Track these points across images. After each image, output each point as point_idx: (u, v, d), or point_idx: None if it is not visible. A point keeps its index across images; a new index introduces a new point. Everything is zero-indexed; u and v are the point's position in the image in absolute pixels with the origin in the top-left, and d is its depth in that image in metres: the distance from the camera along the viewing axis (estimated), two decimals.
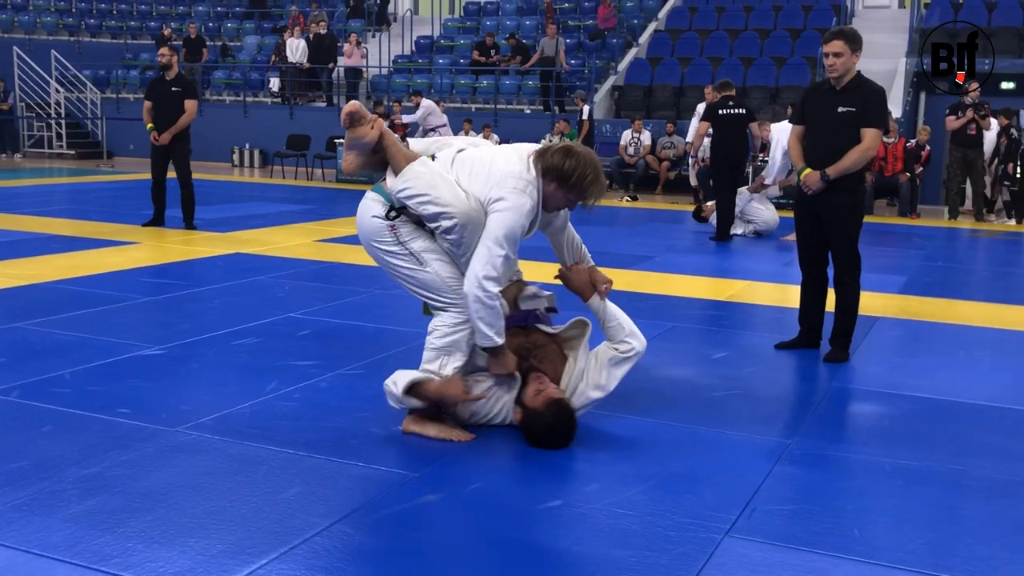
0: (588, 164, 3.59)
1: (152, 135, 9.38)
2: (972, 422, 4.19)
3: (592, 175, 3.59)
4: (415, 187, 3.57)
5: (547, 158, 3.59)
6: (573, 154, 3.60)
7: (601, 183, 3.66)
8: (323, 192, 14.56)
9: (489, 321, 3.52)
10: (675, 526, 3.00)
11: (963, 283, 7.98)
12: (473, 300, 3.49)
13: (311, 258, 8.00)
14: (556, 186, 3.59)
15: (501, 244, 3.48)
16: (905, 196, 12.78)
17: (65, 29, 22.74)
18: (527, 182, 3.57)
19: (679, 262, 8.40)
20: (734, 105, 10.03)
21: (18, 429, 3.73)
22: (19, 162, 18.85)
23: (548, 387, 3.68)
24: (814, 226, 5.15)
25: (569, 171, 3.56)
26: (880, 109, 5.07)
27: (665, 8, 19.59)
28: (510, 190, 3.52)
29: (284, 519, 2.97)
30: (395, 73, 19.51)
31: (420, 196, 3.55)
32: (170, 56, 9.48)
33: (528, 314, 3.85)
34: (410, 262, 3.67)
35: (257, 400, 4.15)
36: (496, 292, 3.51)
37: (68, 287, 6.50)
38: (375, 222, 3.70)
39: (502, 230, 3.49)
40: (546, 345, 3.84)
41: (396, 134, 13.06)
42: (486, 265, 3.47)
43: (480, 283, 3.47)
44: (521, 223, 3.53)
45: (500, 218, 3.50)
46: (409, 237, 3.66)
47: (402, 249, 3.67)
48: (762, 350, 5.34)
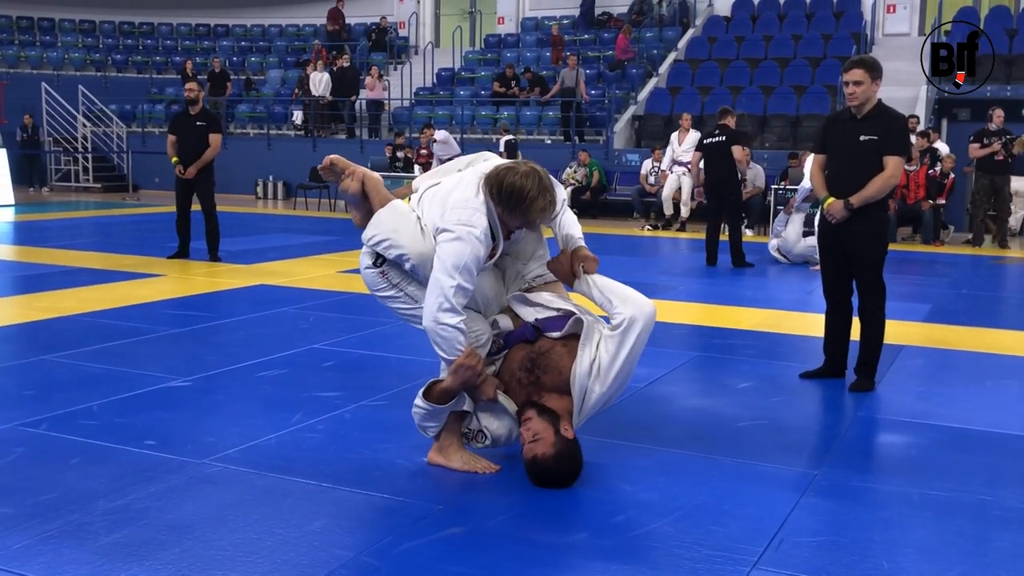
0: (529, 181, 3.47)
1: (177, 169, 9.46)
2: (1001, 451, 4.14)
3: (532, 192, 3.45)
4: (379, 233, 3.65)
5: (491, 180, 3.52)
6: (515, 173, 3.49)
7: (544, 200, 3.49)
8: (345, 224, 14.59)
9: (446, 349, 3.51)
10: (702, 558, 2.98)
11: (988, 311, 7.92)
12: (431, 333, 3.49)
13: (334, 289, 8.04)
14: (501, 208, 3.52)
15: (451, 275, 3.44)
16: (928, 224, 12.72)
17: (92, 65, 23.09)
18: (474, 209, 3.52)
19: (702, 291, 8.39)
20: (719, 133, 10.21)
21: (47, 461, 3.76)
22: (46, 196, 19.09)
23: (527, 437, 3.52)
24: (838, 255, 5.13)
25: (508, 191, 3.47)
26: (902, 137, 5.07)
27: (684, 38, 19.67)
28: (454, 222, 3.49)
29: (310, 551, 2.98)
30: (416, 105, 19.67)
31: (384, 241, 3.63)
32: (198, 91, 9.61)
33: (525, 328, 3.73)
34: (407, 302, 3.73)
35: (282, 432, 4.17)
36: (454, 323, 3.46)
37: (95, 319, 6.57)
38: (368, 273, 3.78)
39: (450, 260, 3.46)
40: (551, 349, 3.67)
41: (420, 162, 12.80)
42: (439, 298, 3.45)
43: (435, 317, 3.46)
44: (470, 251, 3.46)
45: (446, 249, 3.48)
46: (399, 279, 3.72)
47: (396, 292, 3.73)
48: (787, 380, 5.32)
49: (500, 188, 3.48)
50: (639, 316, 3.57)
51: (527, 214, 3.52)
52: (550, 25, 21.17)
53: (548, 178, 3.57)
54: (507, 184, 3.47)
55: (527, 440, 3.53)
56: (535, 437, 3.51)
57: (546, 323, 3.72)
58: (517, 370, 3.70)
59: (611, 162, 16.57)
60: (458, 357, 3.51)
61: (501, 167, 3.58)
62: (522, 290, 3.89)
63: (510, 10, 22.72)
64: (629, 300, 3.61)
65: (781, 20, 19.36)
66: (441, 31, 23.55)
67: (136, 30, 24.95)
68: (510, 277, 3.91)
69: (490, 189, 3.52)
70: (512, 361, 3.72)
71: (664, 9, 20.34)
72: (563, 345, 3.67)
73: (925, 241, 12.73)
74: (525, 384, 3.68)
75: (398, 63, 21.85)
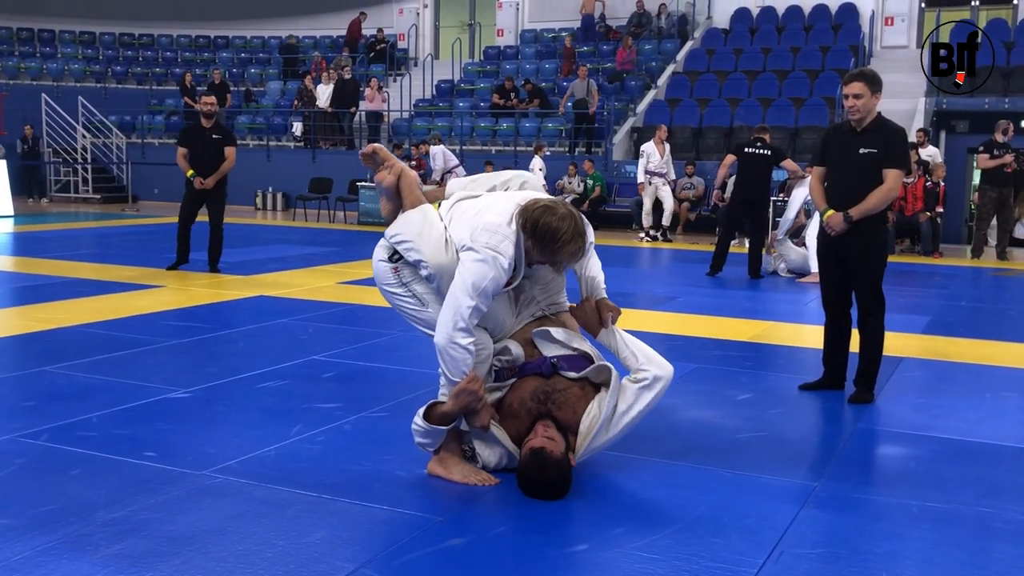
0: (565, 225, 3.47)
1: (197, 180, 9.37)
2: (1000, 463, 4.15)
3: (567, 236, 3.46)
4: (403, 233, 3.70)
5: (527, 213, 3.53)
6: (553, 213, 3.49)
7: (575, 246, 3.51)
8: (345, 235, 14.66)
9: (453, 370, 3.52)
10: (702, 570, 2.99)
11: (987, 322, 7.93)
12: (442, 351, 3.51)
13: (334, 300, 8.05)
14: (531, 243, 3.54)
15: (470, 295, 3.46)
16: (926, 235, 12.74)
17: (92, 76, 23.16)
18: (503, 236, 3.52)
19: (702, 303, 8.39)
20: (762, 145, 10.11)
21: (47, 472, 3.76)
22: (46, 207, 19.11)
23: (538, 435, 3.57)
24: (837, 267, 5.15)
25: (543, 230, 3.48)
26: (902, 149, 5.08)
27: (683, 50, 19.74)
28: (483, 244, 3.51)
29: (310, 563, 2.98)
30: (416, 117, 19.71)
31: (406, 242, 3.67)
32: (216, 106, 9.64)
33: (544, 362, 3.74)
34: (414, 303, 3.77)
35: (283, 443, 4.17)
36: (466, 343, 3.48)
37: (95, 331, 6.57)
38: (381, 265, 3.82)
39: (471, 279, 3.47)
40: (567, 388, 3.70)
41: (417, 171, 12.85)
42: (455, 316, 3.46)
43: (449, 336, 3.47)
44: (491, 275, 3.48)
45: (469, 268, 3.50)
46: (411, 279, 3.75)
47: (405, 291, 3.77)
48: (786, 391, 5.32)
49: (536, 225, 3.49)
50: (663, 377, 3.72)
51: (556, 255, 3.55)
52: (550, 37, 21.24)
53: (583, 223, 3.59)
54: (543, 223, 3.48)
55: (541, 434, 3.56)
56: (551, 436, 3.56)
57: (563, 362, 3.75)
58: (528, 399, 3.69)
59: (610, 173, 16.60)
60: (461, 381, 3.52)
61: (540, 203, 3.56)
62: (536, 318, 3.92)
63: (509, 22, 22.79)
64: (655, 361, 3.74)
65: (780, 32, 19.44)
66: (440, 43, 23.62)
67: (136, 41, 25.04)
68: (523, 301, 3.92)
69: (524, 223, 3.52)
70: (524, 390, 3.71)
71: (663, 21, 20.41)
72: (580, 387, 3.71)
73: (924, 253, 12.75)
74: (534, 415, 3.68)
75: (397, 75, 21.90)
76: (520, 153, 17.57)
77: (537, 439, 3.56)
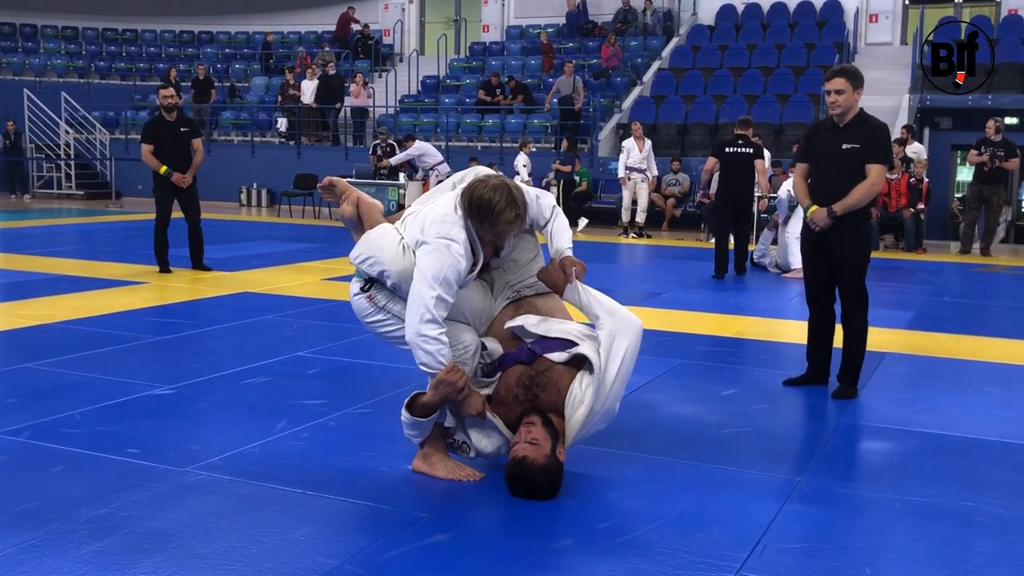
0: (497, 194, 3.47)
1: (175, 176, 9.09)
2: (982, 458, 4.17)
3: (500, 204, 3.45)
4: (363, 251, 3.71)
5: (463, 193, 3.55)
6: (484, 184, 3.52)
7: (512, 213, 3.48)
8: (330, 231, 14.62)
9: (428, 362, 3.50)
10: (685, 565, 3.00)
11: (970, 318, 7.98)
12: (413, 346, 3.49)
13: (319, 296, 8.03)
14: (472, 221, 3.53)
15: (431, 286, 3.45)
16: (910, 231, 12.81)
17: (75, 71, 23.01)
18: (452, 223, 3.54)
19: (686, 299, 8.41)
20: (743, 144, 10.15)
21: (29, 469, 3.74)
22: (29, 203, 19.00)
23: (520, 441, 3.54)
24: (821, 262, 5.17)
25: (476, 203, 3.48)
26: (884, 145, 5.10)
27: (668, 47, 19.76)
28: (433, 235, 3.52)
29: (294, 559, 2.97)
30: (401, 113, 19.67)
31: (368, 258, 3.68)
32: (178, 98, 9.47)
33: (521, 350, 3.73)
34: (393, 323, 3.73)
35: (266, 439, 4.16)
36: (435, 334, 3.46)
37: (78, 327, 6.54)
38: (355, 300, 3.81)
39: (430, 271, 3.47)
40: (550, 368, 3.66)
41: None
42: (420, 309, 3.45)
43: (416, 329, 3.46)
44: (448, 262, 3.47)
45: (425, 261, 3.50)
46: (385, 302, 3.73)
47: (384, 314, 3.74)
48: (770, 387, 5.34)
49: (470, 201, 3.50)
50: (624, 330, 3.62)
51: (495, 226, 3.51)
52: (536, 33, 21.23)
53: (518, 191, 3.57)
54: (476, 196, 3.49)
55: (523, 439, 3.52)
56: (533, 441, 3.51)
57: (543, 345, 3.71)
58: (515, 386, 3.68)
59: (596, 170, 16.62)
60: (439, 372, 3.51)
61: (473, 181, 3.61)
62: (512, 300, 3.89)
63: (495, 18, 22.77)
64: (615, 314, 3.65)
65: (765, 29, 19.48)
66: (426, 39, 23.56)
67: (119, 37, 24.88)
68: (498, 288, 3.90)
69: (463, 203, 3.54)
70: (510, 377, 3.70)
71: (648, 18, 20.43)
72: (563, 365, 3.66)
73: (908, 248, 12.81)
74: (522, 401, 3.66)
75: (383, 70, 21.85)
76: (506, 149, 17.57)
77: (520, 446, 3.51)
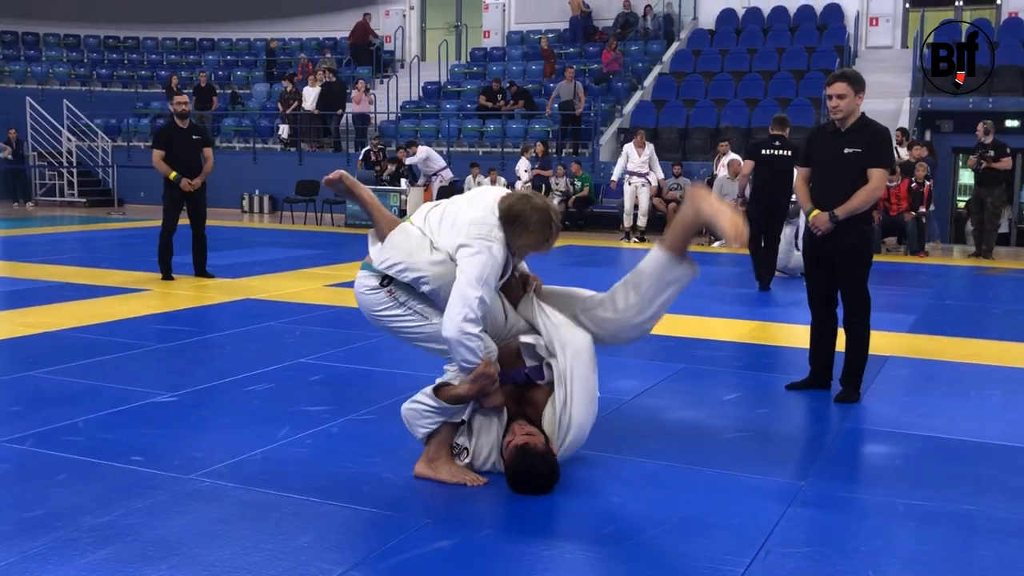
0: (535, 211, 3.65)
1: (184, 182, 9.10)
2: (985, 461, 4.17)
3: (537, 221, 3.65)
4: (392, 257, 3.72)
5: (503, 203, 3.70)
6: (525, 200, 3.70)
7: (546, 231, 3.68)
8: (332, 237, 14.64)
9: (469, 357, 3.58)
10: (689, 570, 3.00)
11: (972, 321, 7.97)
12: (456, 344, 3.55)
13: (321, 303, 8.04)
14: (509, 230, 3.67)
15: (474, 286, 3.53)
16: (912, 235, 12.81)
17: (77, 79, 23.05)
18: (490, 226, 3.66)
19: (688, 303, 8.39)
20: (780, 145, 8.96)
21: (33, 477, 3.74)
22: (31, 211, 19.01)
23: (517, 435, 3.67)
24: (823, 266, 5.17)
25: (515, 216, 3.65)
26: (886, 149, 5.11)
27: (669, 51, 19.78)
28: (474, 237, 3.62)
29: (298, 566, 2.97)
30: (403, 119, 19.69)
31: (398, 264, 3.69)
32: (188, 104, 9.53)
33: (518, 372, 3.86)
34: (416, 319, 3.76)
35: (270, 446, 4.16)
36: (477, 331, 3.56)
37: (81, 335, 6.55)
38: (373, 294, 3.81)
39: (473, 272, 3.56)
40: (537, 390, 3.87)
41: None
42: (463, 308, 3.52)
43: (460, 327, 3.52)
44: (491, 264, 3.59)
45: (468, 263, 3.58)
46: (407, 297, 3.76)
47: (405, 310, 3.77)
48: (773, 391, 5.34)
49: (509, 211, 3.67)
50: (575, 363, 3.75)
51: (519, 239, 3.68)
52: (536, 39, 21.26)
53: (557, 218, 3.75)
54: (517, 209, 3.67)
55: (519, 433, 3.66)
56: (529, 432, 3.66)
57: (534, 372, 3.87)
58: (507, 399, 3.82)
59: (597, 175, 16.62)
60: (479, 365, 3.58)
61: (516, 194, 3.77)
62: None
63: (496, 24, 22.78)
64: (567, 346, 3.78)
65: (765, 33, 19.49)
66: (427, 45, 23.59)
67: (121, 44, 24.92)
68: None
69: (501, 212, 3.68)
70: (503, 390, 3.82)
71: (649, 22, 20.45)
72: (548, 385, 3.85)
73: (910, 252, 12.81)
74: (511, 413, 3.83)
75: (384, 77, 21.88)
76: (507, 155, 17.58)
77: (518, 437, 3.64)
